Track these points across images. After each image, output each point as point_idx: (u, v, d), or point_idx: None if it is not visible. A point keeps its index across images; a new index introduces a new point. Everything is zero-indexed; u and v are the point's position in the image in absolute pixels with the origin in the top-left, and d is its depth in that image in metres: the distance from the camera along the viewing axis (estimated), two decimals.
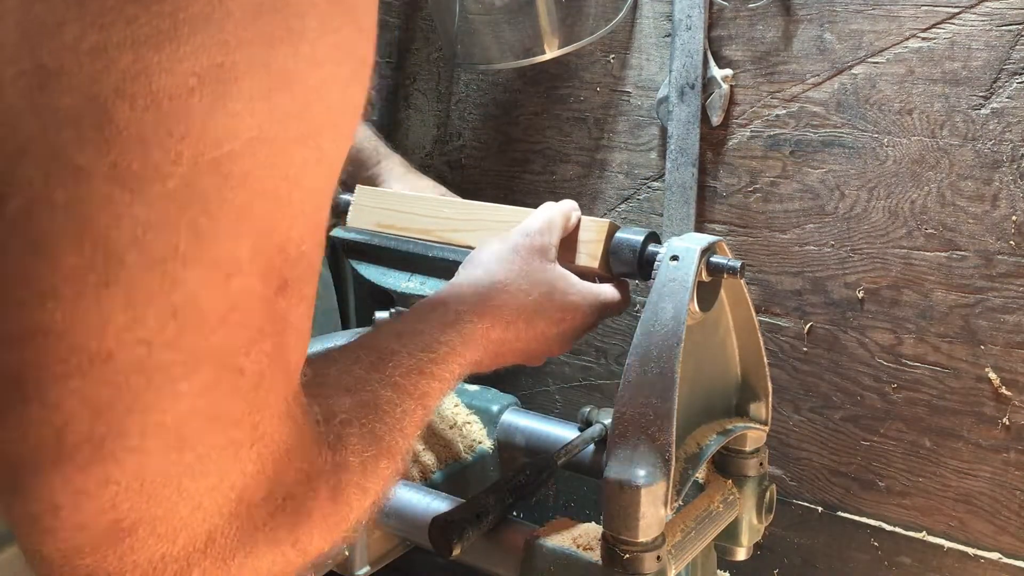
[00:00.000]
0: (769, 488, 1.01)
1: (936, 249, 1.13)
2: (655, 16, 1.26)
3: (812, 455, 1.28)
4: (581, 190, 1.39)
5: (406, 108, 1.54)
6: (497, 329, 0.81)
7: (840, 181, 1.17)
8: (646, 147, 1.31)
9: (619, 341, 1.40)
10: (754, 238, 1.25)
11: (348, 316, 1.64)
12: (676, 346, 0.83)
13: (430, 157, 1.54)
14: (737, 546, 1.01)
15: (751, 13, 1.19)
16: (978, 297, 1.12)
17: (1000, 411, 1.13)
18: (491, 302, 0.82)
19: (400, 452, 0.63)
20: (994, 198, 1.08)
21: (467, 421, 1.19)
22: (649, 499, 0.81)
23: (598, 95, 1.34)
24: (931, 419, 1.18)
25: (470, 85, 1.46)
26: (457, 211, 1.05)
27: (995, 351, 1.12)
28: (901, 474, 1.21)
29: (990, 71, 1.06)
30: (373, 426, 0.60)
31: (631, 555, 0.83)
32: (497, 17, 1.21)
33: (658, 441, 0.82)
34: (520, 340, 0.85)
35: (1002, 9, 1.04)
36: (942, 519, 1.20)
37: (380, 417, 0.61)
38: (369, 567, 1.03)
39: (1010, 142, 1.06)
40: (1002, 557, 1.17)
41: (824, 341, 1.23)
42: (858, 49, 1.13)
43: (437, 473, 1.12)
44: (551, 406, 1.50)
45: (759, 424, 0.97)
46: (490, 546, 0.95)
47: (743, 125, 1.22)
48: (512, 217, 0.99)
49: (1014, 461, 1.14)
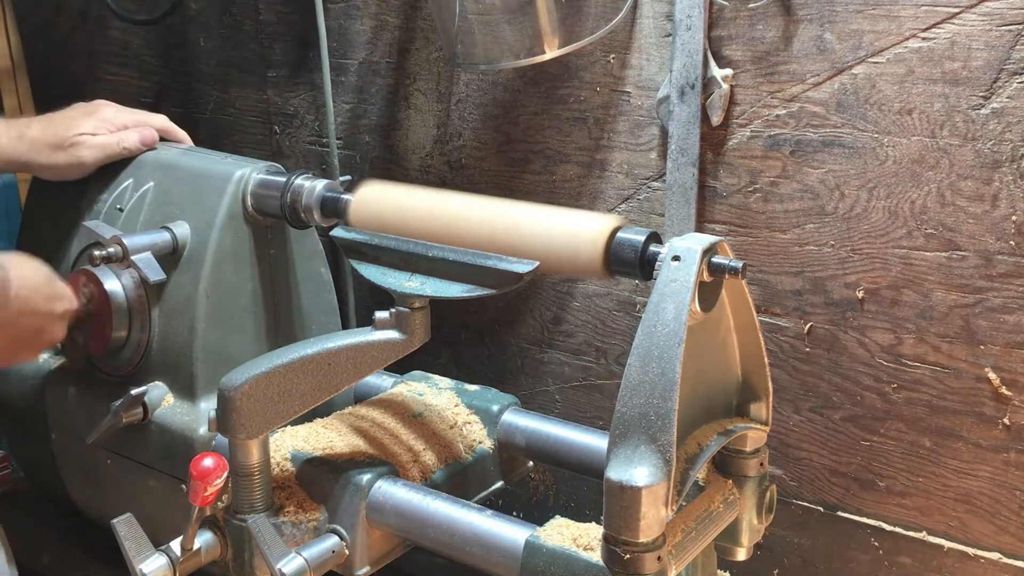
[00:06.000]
0: (769, 488, 1.01)
1: (936, 249, 1.13)
2: (655, 16, 1.26)
3: (812, 455, 1.28)
4: (581, 190, 1.39)
5: (406, 108, 1.54)
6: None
7: (840, 181, 1.17)
8: (646, 147, 1.31)
9: (619, 341, 1.40)
10: (754, 238, 1.25)
11: (348, 316, 1.65)
12: (677, 346, 0.83)
13: (430, 157, 1.54)
14: (737, 546, 1.01)
15: (751, 13, 1.19)
16: (978, 297, 1.12)
17: (1000, 411, 1.13)
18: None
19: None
20: (994, 198, 1.08)
21: (467, 421, 1.19)
22: (650, 499, 0.81)
23: (598, 95, 1.34)
24: (931, 419, 1.18)
25: (470, 85, 1.46)
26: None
27: (995, 351, 1.12)
28: (901, 474, 1.22)
29: (990, 71, 1.06)
30: None
31: (632, 555, 0.83)
32: (497, 17, 1.21)
33: (659, 441, 0.82)
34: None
35: (1002, 9, 1.04)
36: (942, 519, 1.20)
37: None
38: (369, 567, 1.03)
39: (1010, 142, 1.06)
40: (1002, 557, 1.17)
41: (824, 341, 1.23)
42: (858, 49, 1.13)
43: (437, 473, 1.12)
44: (551, 406, 1.50)
45: (760, 424, 0.97)
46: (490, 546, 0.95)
47: (743, 125, 1.22)
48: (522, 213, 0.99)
49: (1014, 461, 1.14)
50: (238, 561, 1.02)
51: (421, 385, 1.26)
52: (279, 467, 1.07)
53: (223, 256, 1.18)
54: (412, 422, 1.17)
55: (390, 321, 1.02)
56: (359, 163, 1.62)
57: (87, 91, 1.97)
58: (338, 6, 1.56)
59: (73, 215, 1.30)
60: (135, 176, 1.26)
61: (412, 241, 1.05)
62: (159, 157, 1.28)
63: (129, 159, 1.28)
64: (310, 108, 1.66)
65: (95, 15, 1.92)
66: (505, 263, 0.98)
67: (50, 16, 1.99)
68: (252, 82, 1.72)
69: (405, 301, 1.02)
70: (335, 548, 1.00)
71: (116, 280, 1.18)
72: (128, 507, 1.02)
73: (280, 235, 1.24)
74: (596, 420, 1.45)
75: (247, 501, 1.01)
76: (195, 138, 1.36)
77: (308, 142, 1.68)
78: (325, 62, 1.53)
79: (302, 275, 1.28)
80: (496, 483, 1.20)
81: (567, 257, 0.96)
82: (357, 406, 1.22)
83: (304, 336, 1.27)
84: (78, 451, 1.27)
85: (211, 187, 1.19)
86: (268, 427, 1.00)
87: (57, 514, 1.45)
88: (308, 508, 1.04)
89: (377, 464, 1.06)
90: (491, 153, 1.47)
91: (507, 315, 1.52)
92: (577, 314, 1.44)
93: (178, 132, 1.34)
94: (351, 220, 1.11)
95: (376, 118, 1.58)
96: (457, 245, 1.02)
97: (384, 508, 1.01)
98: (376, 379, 1.31)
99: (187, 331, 1.16)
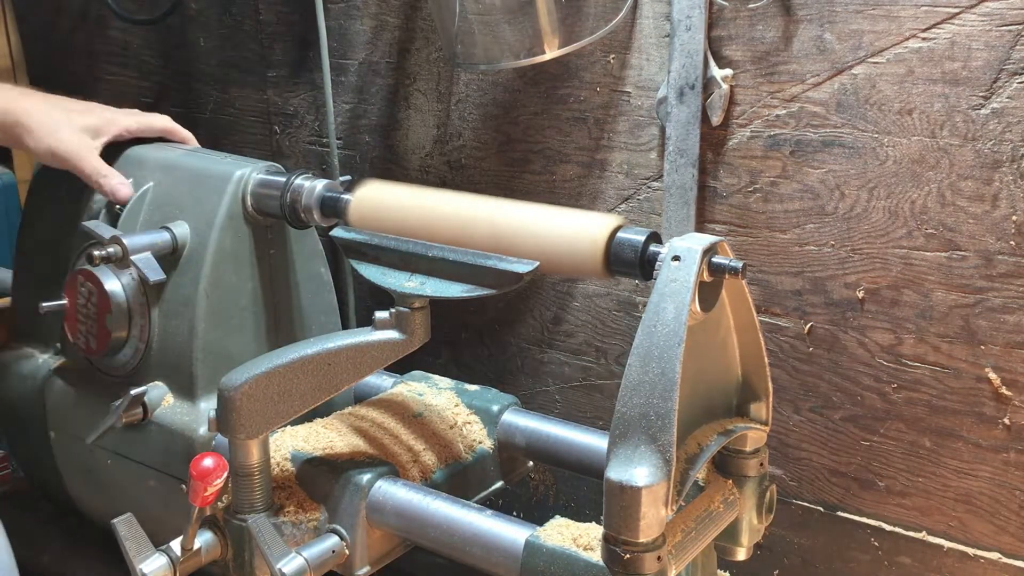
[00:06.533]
0: (769, 488, 1.01)
1: (936, 249, 1.13)
2: (655, 16, 1.26)
3: (812, 455, 1.28)
4: (581, 190, 1.39)
5: (406, 108, 1.54)
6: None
7: (840, 181, 1.17)
8: (646, 147, 1.31)
9: (619, 341, 1.40)
10: (754, 238, 1.25)
11: (348, 316, 1.65)
12: (677, 346, 0.83)
13: (430, 157, 1.54)
14: (737, 546, 1.01)
15: (751, 13, 1.19)
16: (978, 297, 1.12)
17: (1000, 411, 1.13)
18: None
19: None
20: (994, 198, 1.08)
21: (467, 421, 1.19)
22: (650, 499, 0.81)
23: (598, 95, 1.34)
24: (931, 419, 1.18)
25: (470, 85, 1.46)
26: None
27: (995, 351, 1.12)
28: (901, 474, 1.22)
29: (990, 71, 1.06)
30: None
31: (632, 555, 0.83)
32: (497, 17, 1.21)
33: (659, 441, 0.82)
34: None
35: (1002, 9, 1.04)
36: (942, 519, 1.20)
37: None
38: (369, 567, 1.03)
39: (1010, 142, 1.06)
40: (1002, 557, 1.17)
41: (824, 341, 1.23)
42: (858, 49, 1.13)
43: (437, 473, 1.12)
44: (551, 406, 1.50)
45: (760, 424, 0.97)
46: (490, 546, 0.95)
47: (743, 125, 1.22)
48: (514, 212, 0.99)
49: (1014, 461, 1.14)
50: (238, 561, 1.02)
51: (421, 385, 1.26)
52: (279, 467, 1.07)
53: (223, 256, 1.18)
54: (412, 422, 1.17)
55: (390, 321, 1.02)
56: (359, 163, 1.62)
57: (87, 91, 1.97)
58: (338, 6, 1.56)
59: (73, 215, 1.30)
60: (135, 176, 1.26)
61: (412, 241, 1.04)
62: (159, 157, 1.28)
63: (128, 159, 1.28)
64: (310, 108, 1.66)
65: (95, 15, 1.92)
66: (505, 263, 0.98)
67: (50, 16, 1.99)
68: (252, 82, 1.72)
69: (405, 301, 1.02)
70: (335, 548, 1.00)
71: (116, 280, 1.18)
72: (128, 507, 1.02)
73: (280, 235, 1.24)
74: (596, 420, 1.45)
75: (247, 501, 1.01)
76: (195, 138, 1.36)
77: (308, 142, 1.68)
78: (325, 62, 1.53)
79: (302, 275, 1.28)
80: (496, 483, 1.20)
81: (567, 257, 0.96)
82: (357, 406, 1.22)
83: (304, 336, 1.27)
84: (78, 451, 1.27)
85: (211, 187, 1.19)
86: (268, 427, 1.00)
87: (57, 514, 1.45)
88: (308, 508, 1.04)
89: (377, 464, 1.06)
90: (491, 153, 1.47)
91: (507, 315, 1.52)
92: (577, 314, 1.44)
93: (181, 132, 1.34)
94: (351, 220, 1.11)
95: (376, 118, 1.58)
96: (457, 245, 1.02)
97: (384, 508, 1.01)
98: (376, 379, 1.31)
99: (187, 331, 1.16)
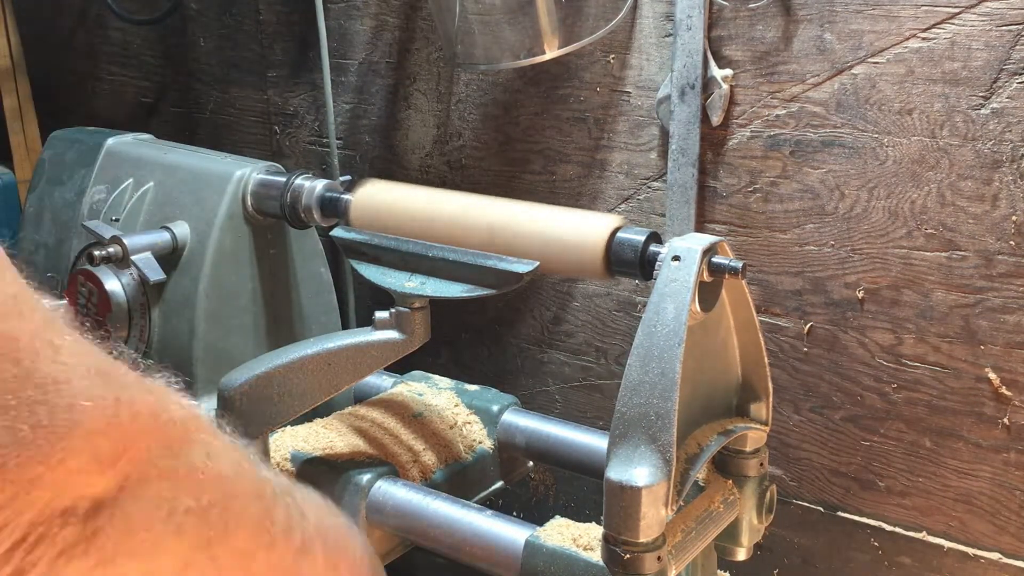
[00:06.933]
0: (769, 488, 1.01)
1: (936, 249, 1.13)
2: (655, 16, 1.26)
3: (812, 455, 1.28)
4: (581, 190, 1.39)
5: (406, 108, 1.54)
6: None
7: (840, 181, 1.17)
8: (646, 147, 1.31)
9: (619, 341, 1.40)
10: (754, 238, 1.25)
11: (348, 316, 1.65)
12: (677, 346, 0.83)
13: (430, 157, 1.54)
14: (737, 546, 1.01)
15: (751, 13, 1.19)
16: (978, 297, 1.12)
17: (1000, 411, 1.13)
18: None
19: None
20: (994, 198, 1.08)
21: (467, 421, 1.19)
22: (650, 499, 0.81)
23: (598, 95, 1.34)
24: (931, 419, 1.18)
25: (470, 85, 1.46)
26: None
27: (995, 351, 1.12)
28: (901, 474, 1.21)
29: (990, 71, 1.06)
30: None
31: (632, 555, 0.83)
32: (497, 17, 1.21)
33: (659, 441, 0.82)
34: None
35: (1002, 9, 1.04)
36: (942, 519, 1.20)
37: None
38: None
39: (1010, 142, 1.06)
40: (1002, 557, 1.17)
41: (824, 341, 1.23)
42: (858, 49, 1.13)
43: (437, 473, 1.12)
44: (551, 406, 1.50)
45: (760, 424, 0.97)
46: (490, 546, 0.95)
47: (743, 125, 1.22)
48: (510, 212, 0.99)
49: (1014, 461, 1.14)
50: None
51: (421, 385, 1.26)
52: (279, 467, 1.07)
53: (223, 256, 1.18)
54: (412, 422, 1.17)
55: (390, 321, 1.02)
56: (359, 163, 1.62)
57: (87, 91, 1.97)
58: (338, 6, 1.56)
59: (73, 215, 1.30)
60: (135, 176, 1.26)
61: (412, 241, 1.04)
62: (159, 157, 1.28)
63: (129, 159, 1.28)
64: (310, 108, 1.66)
65: (95, 15, 1.92)
66: (505, 263, 0.98)
67: (50, 16, 1.99)
68: (252, 82, 1.72)
69: (405, 301, 1.02)
70: None
71: (116, 280, 1.18)
72: None
73: (280, 235, 1.24)
74: (596, 420, 1.45)
75: None
76: (195, 138, 1.36)
77: (308, 142, 1.68)
78: (325, 62, 1.53)
79: (302, 275, 1.28)
80: (496, 483, 1.20)
81: (567, 257, 0.96)
82: (357, 406, 1.22)
83: (304, 336, 1.27)
84: None
85: (211, 187, 1.19)
86: (268, 427, 1.00)
87: None
88: None
89: (377, 464, 1.06)
90: (491, 153, 1.47)
91: (507, 315, 1.52)
92: (577, 314, 1.44)
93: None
94: (351, 220, 1.11)
95: (376, 118, 1.58)
96: (457, 245, 1.02)
97: (384, 508, 1.01)
98: (376, 379, 1.31)
99: (187, 331, 1.16)
